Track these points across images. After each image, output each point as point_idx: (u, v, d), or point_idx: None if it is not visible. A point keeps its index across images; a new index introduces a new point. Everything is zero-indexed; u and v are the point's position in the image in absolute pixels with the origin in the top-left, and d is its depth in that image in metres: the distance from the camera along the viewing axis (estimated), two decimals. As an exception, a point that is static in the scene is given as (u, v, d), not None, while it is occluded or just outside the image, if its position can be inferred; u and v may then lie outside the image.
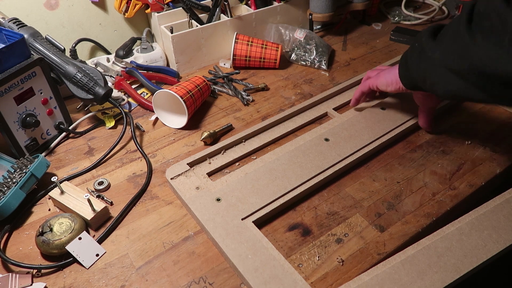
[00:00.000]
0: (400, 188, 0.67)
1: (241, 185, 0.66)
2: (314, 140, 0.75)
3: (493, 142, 0.75)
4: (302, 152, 0.72)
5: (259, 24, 1.09)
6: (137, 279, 0.56)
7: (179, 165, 0.71)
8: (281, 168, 0.69)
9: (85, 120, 0.88)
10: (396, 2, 1.31)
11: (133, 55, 1.04)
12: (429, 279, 0.51)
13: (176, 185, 0.68)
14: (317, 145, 0.74)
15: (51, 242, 0.58)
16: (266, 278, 0.53)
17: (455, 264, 0.52)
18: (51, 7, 0.99)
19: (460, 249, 0.54)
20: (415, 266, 0.53)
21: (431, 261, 0.53)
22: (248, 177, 0.68)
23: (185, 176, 0.69)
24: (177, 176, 0.69)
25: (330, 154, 0.71)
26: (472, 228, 0.57)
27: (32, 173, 0.66)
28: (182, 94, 0.80)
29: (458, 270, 0.52)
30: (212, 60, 1.06)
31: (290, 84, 0.97)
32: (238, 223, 0.60)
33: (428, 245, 0.55)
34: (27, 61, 0.72)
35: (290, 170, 0.69)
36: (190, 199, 0.65)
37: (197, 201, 0.64)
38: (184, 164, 0.71)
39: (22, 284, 0.55)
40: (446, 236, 0.56)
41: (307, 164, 0.70)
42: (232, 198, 0.64)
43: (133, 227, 0.64)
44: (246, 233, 0.59)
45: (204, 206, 0.63)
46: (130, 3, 1.02)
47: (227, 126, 0.83)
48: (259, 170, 0.69)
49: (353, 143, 0.74)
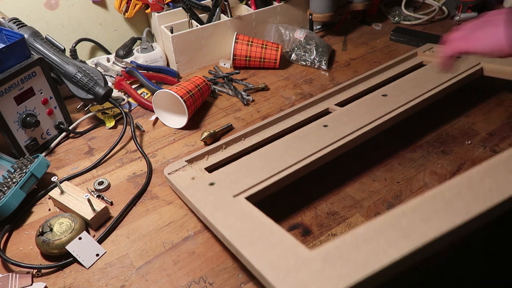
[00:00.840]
0: (400, 188, 0.67)
1: (235, 170, 0.65)
2: (312, 127, 0.73)
3: (493, 142, 0.75)
4: (299, 138, 0.70)
5: (259, 24, 1.09)
6: (137, 279, 0.56)
7: (177, 163, 0.71)
8: (277, 152, 0.67)
9: (85, 120, 0.88)
10: (396, 2, 1.31)
11: (133, 55, 1.04)
12: (435, 223, 0.43)
13: (173, 178, 0.68)
14: (316, 130, 0.71)
15: (51, 242, 0.58)
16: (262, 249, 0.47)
17: (465, 207, 0.45)
18: (51, 7, 0.99)
19: (470, 193, 0.46)
20: (418, 214, 0.45)
21: (437, 207, 0.46)
22: (243, 162, 0.66)
23: (183, 171, 0.69)
24: (174, 171, 0.69)
25: (328, 136, 0.69)
26: (484, 175, 0.49)
27: (32, 173, 0.66)
28: (182, 94, 0.80)
29: (468, 212, 0.44)
30: (212, 60, 1.06)
31: (290, 84, 0.97)
32: (230, 200, 0.57)
33: (434, 193, 0.48)
34: (27, 61, 0.72)
35: (286, 153, 0.66)
36: (185, 188, 0.64)
37: (191, 188, 0.64)
38: (183, 161, 0.71)
39: (22, 284, 0.55)
40: (454, 184, 0.48)
41: (304, 146, 0.67)
42: (225, 181, 0.62)
43: (133, 227, 0.64)
44: (237, 207, 0.56)
45: (197, 190, 0.62)
46: (130, 3, 1.03)
47: (227, 126, 0.83)
48: (254, 156, 0.67)
49: (352, 125, 0.71)
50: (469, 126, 0.80)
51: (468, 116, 0.82)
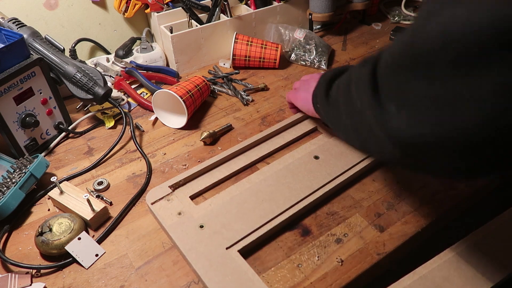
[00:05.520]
0: (400, 188, 0.67)
1: (226, 210, 0.62)
2: (303, 158, 0.70)
3: (493, 142, 0.75)
4: (290, 172, 0.68)
5: (259, 24, 1.09)
6: (136, 279, 0.56)
7: (160, 188, 0.66)
8: (268, 189, 0.65)
9: (85, 120, 0.88)
10: (396, 2, 1.31)
11: (132, 55, 1.04)
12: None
13: (157, 210, 0.63)
14: (307, 163, 0.69)
15: (51, 242, 0.58)
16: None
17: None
18: (51, 7, 0.99)
19: (458, 278, 0.52)
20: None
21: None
22: (234, 200, 0.64)
23: (167, 200, 0.65)
24: (158, 200, 0.65)
25: (320, 173, 0.67)
26: (470, 255, 0.54)
27: (31, 173, 0.66)
28: (182, 94, 0.80)
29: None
30: (212, 60, 1.06)
31: (290, 84, 0.97)
32: (223, 253, 0.56)
33: (425, 274, 0.52)
34: (27, 61, 0.72)
35: (278, 191, 0.64)
36: (172, 227, 0.60)
37: (179, 228, 0.59)
38: (166, 187, 0.66)
39: (21, 284, 0.55)
40: (443, 264, 0.53)
41: (295, 184, 0.65)
42: (216, 225, 0.60)
43: (133, 227, 0.64)
44: (230, 262, 0.55)
45: (186, 234, 0.59)
46: (129, 3, 1.02)
47: (227, 126, 0.83)
48: (244, 192, 0.65)
49: (344, 161, 0.69)
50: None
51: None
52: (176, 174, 0.72)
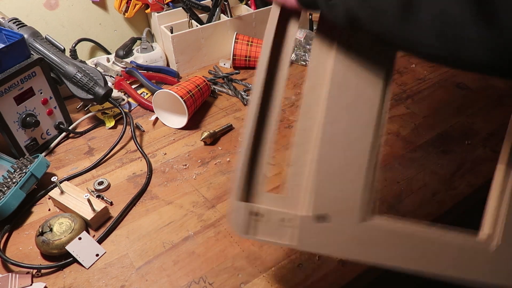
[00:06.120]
0: (400, 188, 0.67)
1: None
2: None
3: (493, 142, 0.75)
4: None
5: (259, 24, 1.09)
6: (137, 279, 0.56)
7: (236, 212, 0.44)
8: None
9: (85, 120, 0.88)
10: (396, 2, 1.31)
11: (133, 55, 1.04)
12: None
13: (264, 235, 0.44)
14: None
15: (51, 242, 0.58)
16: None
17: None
18: (51, 7, 0.99)
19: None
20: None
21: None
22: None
23: (255, 216, 0.44)
24: (248, 224, 0.44)
25: None
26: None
27: (32, 173, 0.66)
28: (182, 94, 0.80)
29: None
30: (212, 60, 1.06)
31: (290, 84, 0.97)
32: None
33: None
34: (27, 61, 0.72)
35: None
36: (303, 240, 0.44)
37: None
38: (236, 203, 0.44)
39: (22, 284, 0.55)
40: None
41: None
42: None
43: (133, 227, 0.64)
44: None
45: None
46: (130, 3, 1.02)
47: (227, 126, 0.83)
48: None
49: None
50: (469, 126, 0.80)
51: (468, 116, 0.82)
52: (177, 174, 0.72)
